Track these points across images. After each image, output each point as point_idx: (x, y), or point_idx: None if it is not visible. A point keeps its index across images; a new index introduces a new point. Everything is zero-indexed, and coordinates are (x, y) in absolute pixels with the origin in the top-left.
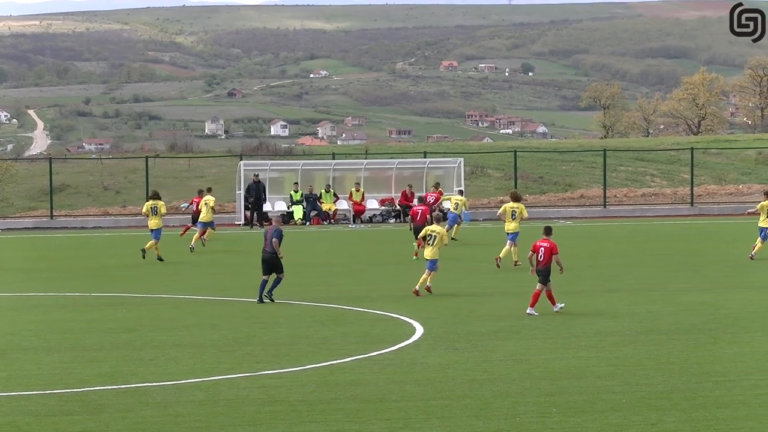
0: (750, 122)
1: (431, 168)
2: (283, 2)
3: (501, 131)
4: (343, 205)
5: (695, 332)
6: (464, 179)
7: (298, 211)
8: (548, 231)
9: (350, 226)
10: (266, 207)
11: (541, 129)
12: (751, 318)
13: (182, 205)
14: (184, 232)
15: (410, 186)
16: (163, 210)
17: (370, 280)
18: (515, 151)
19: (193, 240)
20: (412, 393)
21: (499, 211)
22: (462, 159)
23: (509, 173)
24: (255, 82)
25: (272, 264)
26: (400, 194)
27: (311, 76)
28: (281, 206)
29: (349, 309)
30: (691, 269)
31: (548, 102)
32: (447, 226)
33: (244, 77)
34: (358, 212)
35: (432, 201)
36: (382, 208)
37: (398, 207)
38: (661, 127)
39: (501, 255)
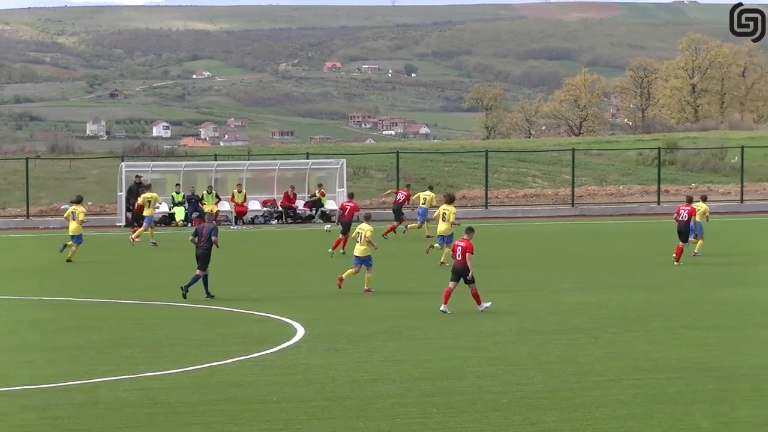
0: (630, 123)
1: (314, 169)
2: (166, 3)
3: (384, 132)
4: (225, 206)
5: (576, 332)
6: (347, 180)
7: (179, 213)
8: (468, 230)
9: (232, 227)
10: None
11: (424, 130)
12: (632, 318)
13: (63, 206)
14: (137, 235)
15: (293, 187)
16: (81, 217)
17: (252, 282)
18: (398, 152)
19: (150, 236)
20: (293, 394)
21: (436, 213)
22: (344, 160)
23: (392, 174)
24: (137, 83)
25: (207, 259)
26: (282, 195)
27: (194, 77)
28: (163, 208)
29: (230, 310)
30: (572, 269)
31: (431, 103)
32: (419, 221)
33: (126, 78)
34: (240, 213)
35: (402, 199)
36: (264, 209)
37: (280, 208)
38: (543, 128)
39: (443, 259)
